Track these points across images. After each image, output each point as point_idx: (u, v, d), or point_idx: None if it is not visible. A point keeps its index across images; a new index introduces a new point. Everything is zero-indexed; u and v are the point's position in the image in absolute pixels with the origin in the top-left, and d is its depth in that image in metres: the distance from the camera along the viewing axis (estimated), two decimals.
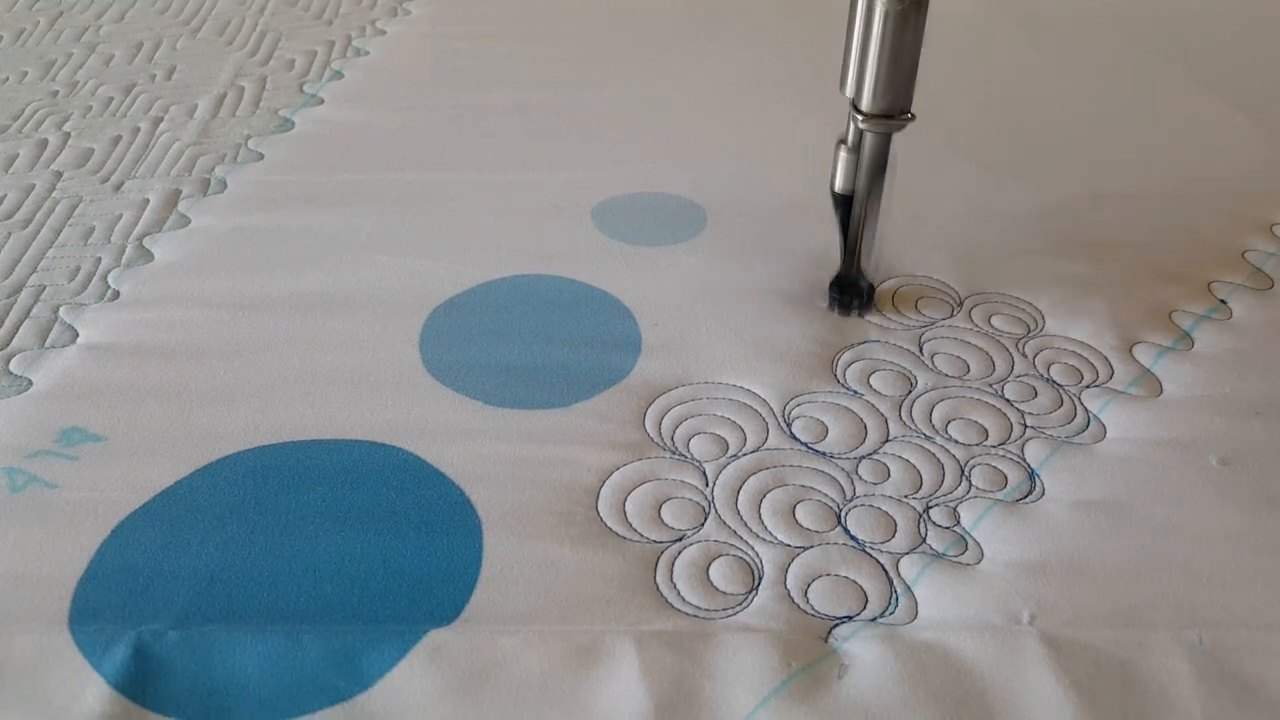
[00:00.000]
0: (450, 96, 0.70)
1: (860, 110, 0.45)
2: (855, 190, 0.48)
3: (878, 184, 0.47)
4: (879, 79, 0.44)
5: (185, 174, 0.62)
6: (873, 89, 0.45)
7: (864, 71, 0.44)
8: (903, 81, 0.44)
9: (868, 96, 0.45)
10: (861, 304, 0.51)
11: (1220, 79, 0.73)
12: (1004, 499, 0.42)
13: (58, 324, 0.50)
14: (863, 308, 0.51)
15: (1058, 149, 0.66)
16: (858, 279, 0.51)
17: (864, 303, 0.51)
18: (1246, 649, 0.36)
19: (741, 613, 0.37)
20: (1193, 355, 0.49)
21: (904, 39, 0.43)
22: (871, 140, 0.46)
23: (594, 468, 0.43)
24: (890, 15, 0.43)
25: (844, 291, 0.51)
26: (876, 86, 0.44)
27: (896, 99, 0.45)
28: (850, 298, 0.51)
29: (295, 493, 0.41)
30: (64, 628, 0.36)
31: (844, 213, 0.49)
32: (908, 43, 0.43)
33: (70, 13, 0.83)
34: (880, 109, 0.45)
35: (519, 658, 0.35)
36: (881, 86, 0.44)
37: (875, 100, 0.45)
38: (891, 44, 0.43)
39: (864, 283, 0.51)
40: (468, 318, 0.50)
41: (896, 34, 0.43)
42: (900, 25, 0.43)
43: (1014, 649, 0.36)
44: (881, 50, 0.44)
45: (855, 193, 0.48)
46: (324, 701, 0.34)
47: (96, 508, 0.41)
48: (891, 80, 0.44)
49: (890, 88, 0.44)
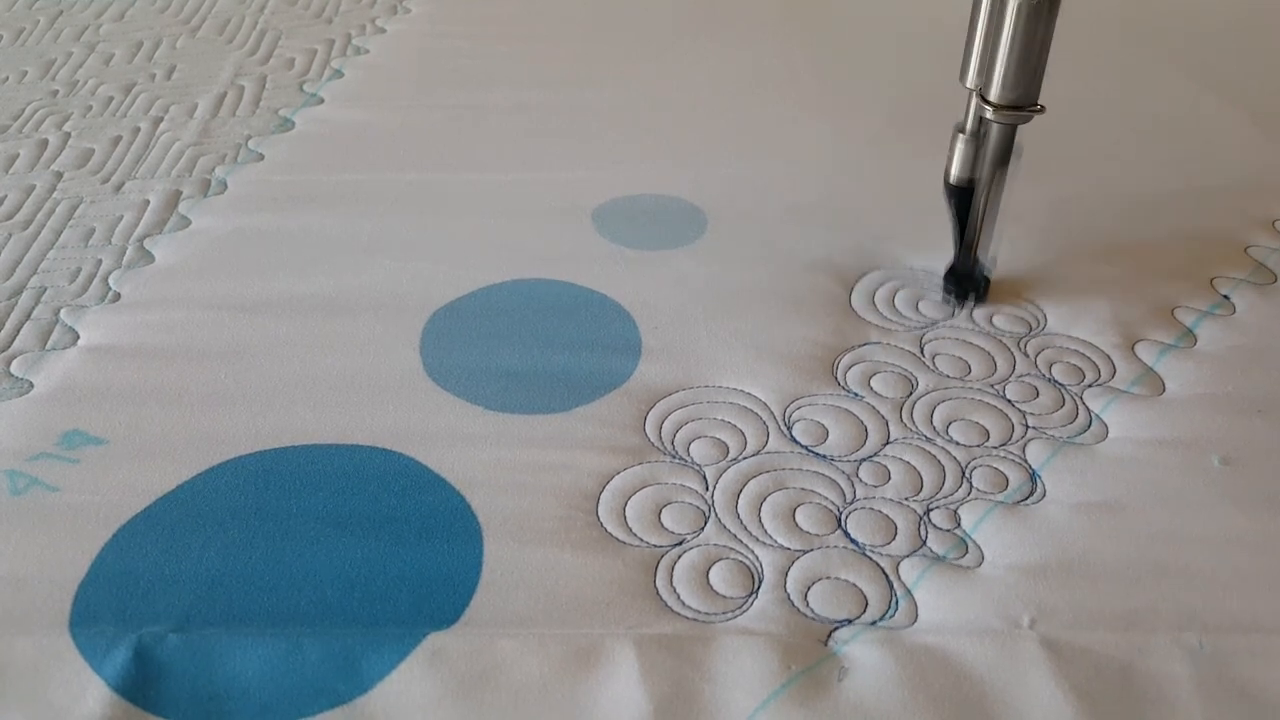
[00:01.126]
0: (450, 96, 0.70)
1: (989, 101, 0.46)
2: (977, 180, 0.49)
3: (1000, 174, 0.48)
4: (1009, 71, 0.45)
5: (185, 174, 0.62)
6: (1003, 80, 0.45)
7: (994, 62, 0.45)
8: (1033, 73, 0.45)
9: (997, 87, 0.45)
10: (978, 296, 0.51)
11: (1221, 76, 0.73)
12: (1005, 501, 0.42)
13: (58, 326, 0.50)
14: (979, 299, 0.51)
15: (1059, 147, 0.65)
16: (974, 270, 0.51)
17: (980, 295, 0.51)
18: (1247, 653, 0.36)
19: (741, 616, 0.37)
20: (1196, 352, 0.49)
21: (1036, 29, 0.44)
22: (998, 130, 0.47)
23: (594, 472, 0.43)
24: (1024, 8, 0.44)
25: (960, 283, 0.51)
26: (1007, 78, 0.45)
27: (1028, 91, 0.45)
28: (966, 289, 0.51)
29: (296, 497, 0.41)
30: (65, 630, 0.36)
31: (958, 203, 0.49)
32: (1039, 34, 0.44)
33: (70, 12, 0.83)
34: (1010, 100, 0.46)
35: (519, 661, 0.35)
36: (1012, 78, 0.45)
37: (1005, 91, 0.45)
38: (1024, 37, 0.44)
39: (980, 274, 0.51)
40: (468, 321, 0.50)
41: (1030, 27, 0.44)
42: (1034, 19, 0.44)
43: (1014, 653, 0.36)
44: (1013, 42, 0.44)
45: (977, 182, 0.49)
46: (324, 704, 0.34)
47: (98, 511, 0.41)
48: (1022, 73, 0.45)
49: (1021, 79, 0.45)
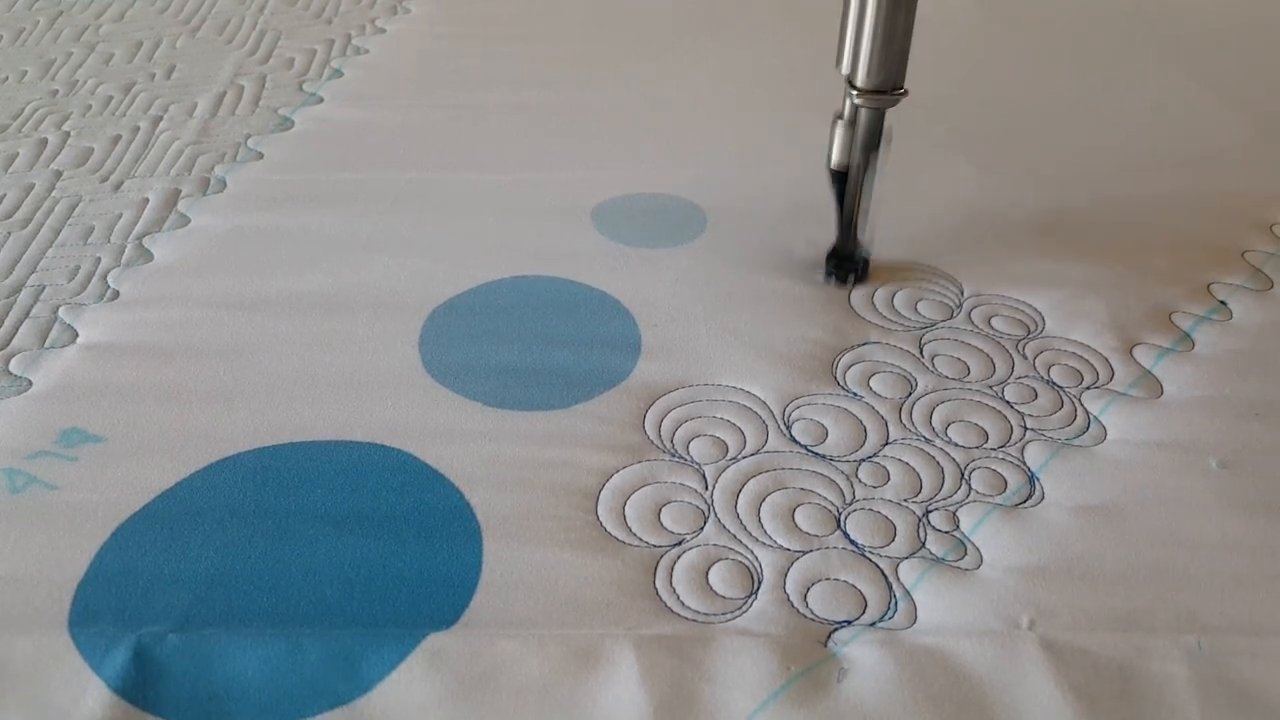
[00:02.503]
0: (450, 96, 0.70)
1: (855, 86, 0.47)
2: (850, 164, 0.50)
3: (873, 158, 0.49)
4: (873, 56, 0.46)
5: (185, 173, 0.62)
6: (867, 65, 0.46)
7: (859, 49, 0.46)
8: (896, 58, 0.46)
9: (862, 73, 0.46)
10: (857, 275, 0.53)
11: (1221, 79, 0.73)
12: (1003, 503, 0.42)
13: (57, 324, 0.50)
14: (859, 279, 0.53)
15: (1057, 149, 0.66)
16: (854, 251, 0.52)
17: (860, 275, 0.53)
18: (1245, 654, 0.36)
19: (741, 617, 0.37)
20: (1193, 356, 0.49)
21: (897, 17, 0.45)
22: (866, 115, 0.48)
23: (593, 470, 0.43)
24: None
25: (840, 264, 0.53)
26: (871, 63, 0.46)
27: (890, 75, 0.46)
28: (846, 270, 0.53)
29: (295, 495, 0.41)
30: (64, 630, 0.36)
31: (839, 187, 0.51)
32: (901, 20, 0.45)
33: (70, 12, 0.83)
34: (874, 85, 0.47)
35: (518, 661, 0.35)
36: (876, 63, 0.46)
37: (870, 76, 0.46)
38: (885, 21, 0.45)
39: (860, 255, 0.52)
40: (467, 319, 0.50)
41: (890, 12, 0.45)
42: (894, 4, 0.44)
43: (1013, 654, 0.36)
44: (876, 28, 0.45)
45: (850, 167, 0.50)
46: (324, 705, 0.34)
47: (96, 509, 0.41)
48: (885, 57, 0.46)
49: (884, 64, 0.46)
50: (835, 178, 0.51)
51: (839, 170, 0.50)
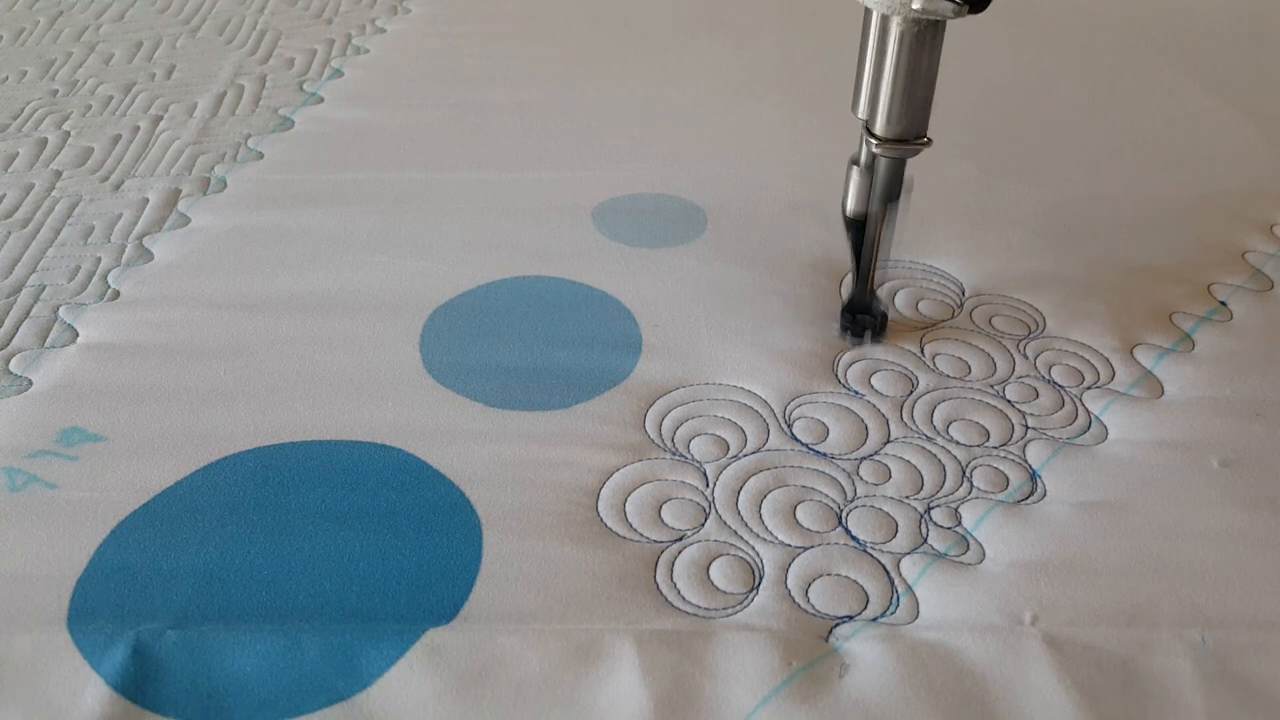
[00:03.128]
0: (450, 95, 0.70)
1: (874, 134, 0.44)
2: (868, 213, 0.46)
3: (891, 208, 0.46)
4: (894, 103, 0.42)
5: (185, 173, 0.62)
6: (887, 113, 0.43)
7: (878, 94, 0.43)
8: (918, 106, 0.42)
9: (882, 120, 0.43)
10: (875, 330, 0.49)
11: (1221, 79, 0.73)
12: (1005, 500, 0.42)
13: (57, 324, 0.50)
14: (876, 334, 0.49)
15: (1058, 150, 0.66)
16: (871, 304, 0.49)
17: (878, 329, 0.49)
18: (1249, 648, 0.36)
19: (742, 612, 0.37)
20: (1194, 357, 0.49)
21: (920, 61, 0.41)
22: (886, 164, 0.45)
23: (594, 469, 0.43)
24: (906, 37, 0.41)
25: (856, 318, 0.49)
26: (891, 110, 0.43)
27: (912, 124, 0.43)
28: (863, 325, 0.49)
29: (295, 493, 0.41)
30: (63, 628, 0.36)
31: (856, 235, 0.47)
32: (924, 65, 0.41)
33: (70, 12, 0.83)
34: (895, 134, 0.43)
35: (518, 656, 0.35)
36: (896, 111, 0.42)
37: (890, 125, 0.43)
38: (907, 67, 0.41)
39: (878, 308, 0.49)
40: (468, 319, 0.50)
41: (913, 56, 0.41)
42: (917, 47, 0.41)
43: (1016, 649, 0.36)
44: (896, 73, 0.42)
45: (868, 216, 0.46)
46: (323, 701, 0.34)
47: (96, 508, 0.40)
48: (907, 104, 0.42)
49: (905, 112, 0.42)
50: (851, 226, 0.47)
51: (855, 219, 0.47)
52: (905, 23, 0.40)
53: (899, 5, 0.40)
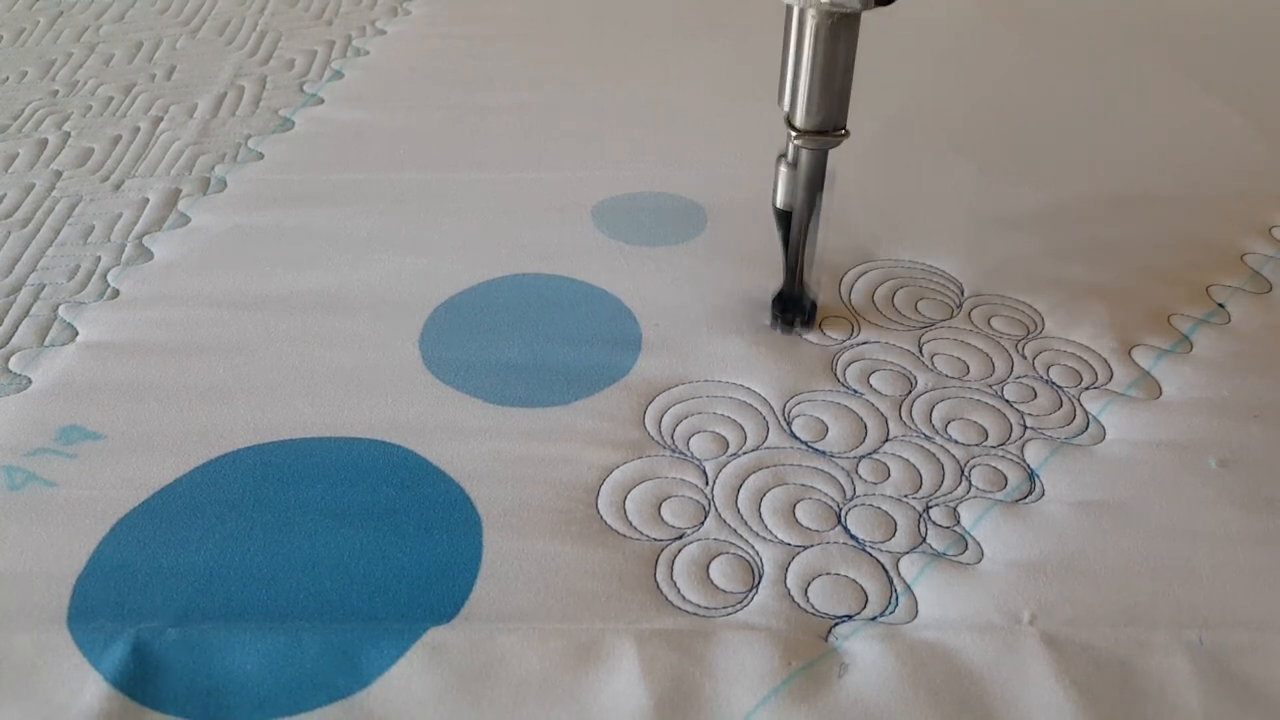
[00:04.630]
0: (450, 96, 0.70)
1: (794, 126, 0.44)
2: (794, 206, 0.47)
3: (816, 200, 0.46)
4: (811, 95, 0.43)
5: (185, 173, 0.62)
6: (805, 105, 0.43)
7: (797, 87, 0.43)
8: (835, 98, 0.43)
9: (801, 113, 0.44)
10: (804, 320, 0.50)
11: (1220, 80, 0.73)
12: (1004, 499, 0.42)
13: (57, 322, 0.50)
14: (805, 324, 0.50)
15: (1057, 150, 0.66)
16: (800, 296, 0.49)
17: (807, 320, 0.50)
18: (1247, 649, 0.36)
19: (741, 611, 0.37)
20: (1192, 358, 0.49)
21: (836, 54, 0.42)
22: (807, 157, 0.45)
23: (594, 466, 0.43)
24: (821, 30, 0.41)
25: (786, 309, 0.50)
26: (810, 103, 0.43)
27: (830, 115, 0.43)
28: (793, 315, 0.50)
29: (295, 490, 0.41)
30: (63, 625, 0.36)
31: (784, 228, 0.48)
32: (840, 58, 0.42)
33: (70, 12, 0.83)
34: (814, 125, 0.44)
35: (518, 655, 0.35)
36: (815, 103, 0.43)
37: (808, 117, 0.43)
38: (824, 59, 0.42)
39: (807, 300, 0.50)
40: (468, 316, 0.50)
41: (829, 49, 0.42)
42: (831, 40, 0.41)
43: (1014, 648, 0.36)
44: (814, 66, 0.42)
45: (794, 209, 0.47)
46: (323, 699, 0.34)
47: (95, 506, 0.41)
48: (824, 97, 0.43)
49: (823, 104, 0.43)
50: (780, 218, 0.48)
51: (784, 211, 0.48)
52: (819, 15, 0.41)
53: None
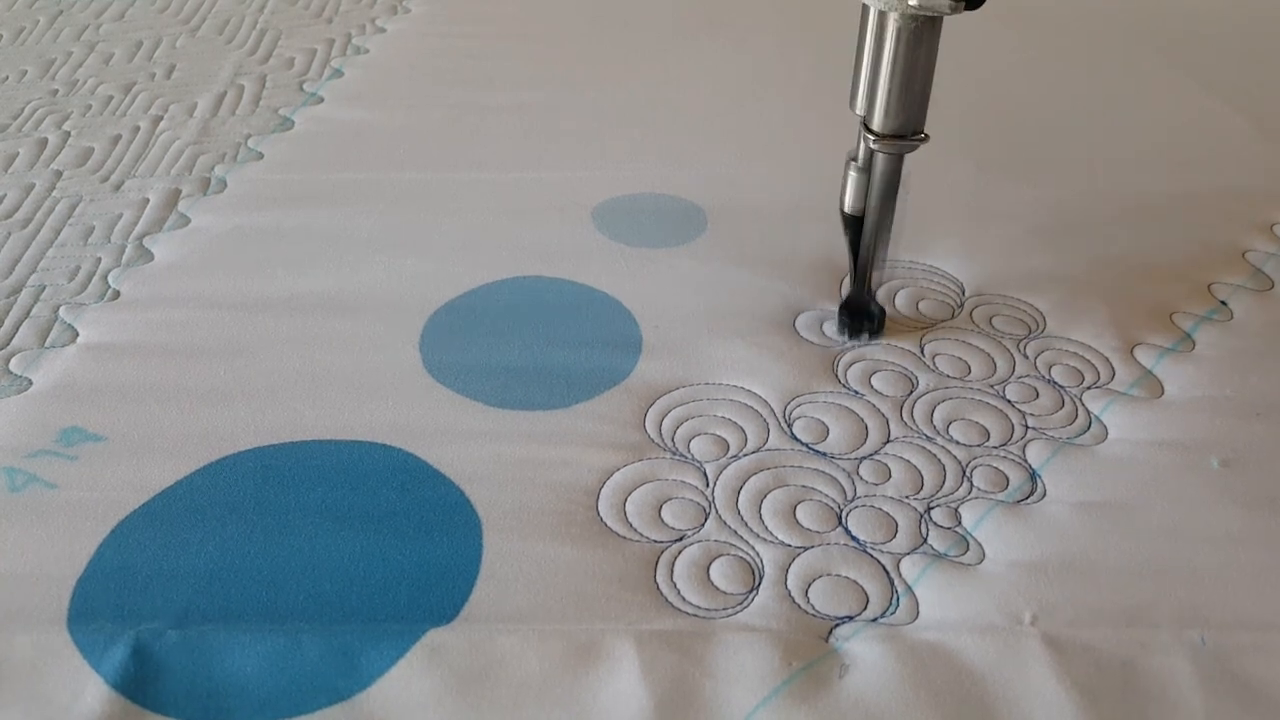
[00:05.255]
0: (450, 95, 0.70)
1: (872, 130, 0.44)
2: (866, 211, 0.46)
3: (889, 205, 0.46)
4: (891, 98, 0.42)
5: (185, 173, 0.62)
6: (884, 108, 0.43)
7: (875, 90, 0.43)
8: (916, 101, 0.43)
9: (879, 116, 0.43)
10: (873, 329, 0.49)
11: (1221, 78, 0.73)
12: (1005, 500, 0.42)
13: (57, 324, 0.50)
14: (874, 333, 0.49)
15: (1058, 149, 0.66)
16: (869, 303, 0.49)
17: (875, 328, 0.49)
18: (1249, 649, 0.36)
19: (742, 612, 0.37)
20: (1194, 357, 0.49)
21: (917, 57, 0.42)
22: (883, 160, 0.45)
23: (594, 468, 0.43)
24: (903, 32, 0.41)
25: (854, 316, 0.49)
26: (889, 106, 0.43)
27: (909, 119, 0.43)
28: (861, 322, 0.49)
29: (295, 492, 0.41)
30: (63, 627, 0.36)
31: (854, 234, 0.47)
32: (921, 61, 0.42)
33: (70, 11, 0.83)
34: (892, 129, 0.43)
35: (518, 657, 0.35)
36: (894, 106, 0.43)
37: (887, 120, 0.43)
38: (904, 62, 0.42)
39: (875, 307, 0.49)
40: (468, 319, 0.50)
41: (910, 52, 0.41)
42: (914, 43, 0.41)
43: (1016, 649, 0.36)
44: (894, 68, 0.42)
45: (866, 213, 0.46)
46: (323, 701, 0.34)
47: (96, 507, 0.40)
48: (904, 100, 0.42)
49: (903, 108, 0.43)
50: (849, 223, 0.47)
51: (853, 216, 0.47)
52: (902, 19, 0.41)
53: (896, 2, 0.40)
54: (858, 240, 0.47)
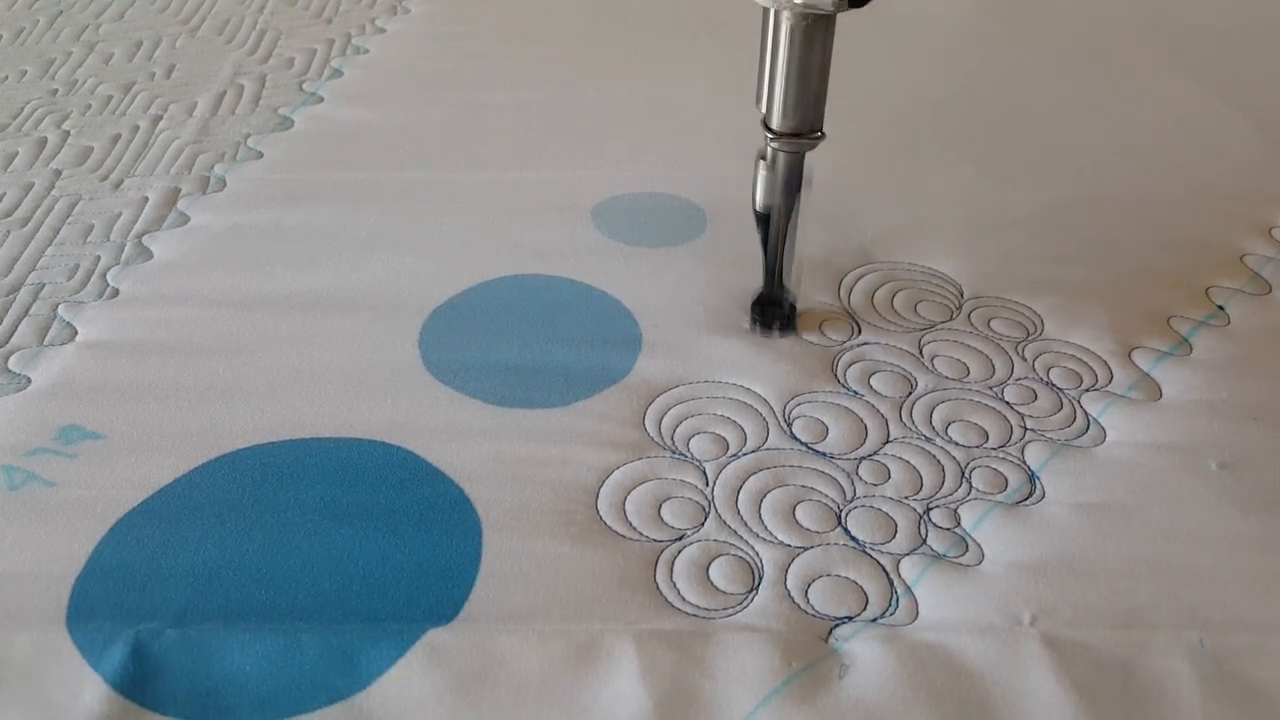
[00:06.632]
0: (450, 95, 0.70)
1: (770, 129, 0.44)
2: (771, 208, 0.47)
3: (794, 202, 0.46)
4: (787, 97, 0.43)
5: (185, 172, 0.62)
6: (781, 107, 0.43)
7: (773, 89, 0.43)
8: (811, 100, 0.43)
9: (777, 115, 0.43)
10: (783, 324, 0.49)
11: (1221, 81, 0.73)
12: (1004, 501, 0.42)
13: (56, 322, 0.50)
14: (784, 328, 0.49)
15: (1057, 150, 0.66)
16: (780, 298, 0.49)
17: (786, 323, 0.49)
18: (1248, 650, 0.36)
19: (741, 612, 0.37)
20: (1191, 360, 0.49)
21: (811, 56, 0.42)
22: (784, 159, 0.45)
23: (594, 467, 0.43)
24: (796, 31, 0.41)
25: (765, 311, 0.49)
26: (785, 104, 0.43)
27: (805, 117, 0.43)
28: (771, 317, 0.49)
29: (294, 491, 0.41)
30: (62, 626, 0.36)
31: (764, 229, 0.48)
32: (816, 60, 0.42)
33: (70, 11, 0.82)
34: (789, 128, 0.44)
35: (518, 656, 0.35)
36: (790, 104, 0.43)
37: (785, 119, 0.43)
38: (799, 61, 0.42)
39: (786, 302, 0.49)
40: (468, 317, 0.50)
41: (804, 50, 0.41)
42: (806, 42, 0.41)
43: (1015, 650, 0.36)
44: (789, 67, 0.42)
45: (771, 210, 0.47)
46: (322, 700, 0.34)
47: (95, 506, 0.40)
48: (800, 99, 0.43)
49: (799, 106, 0.43)
50: (760, 219, 0.47)
51: (763, 213, 0.47)
52: (794, 18, 0.41)
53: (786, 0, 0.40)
54: (766, 236, 0.48)
